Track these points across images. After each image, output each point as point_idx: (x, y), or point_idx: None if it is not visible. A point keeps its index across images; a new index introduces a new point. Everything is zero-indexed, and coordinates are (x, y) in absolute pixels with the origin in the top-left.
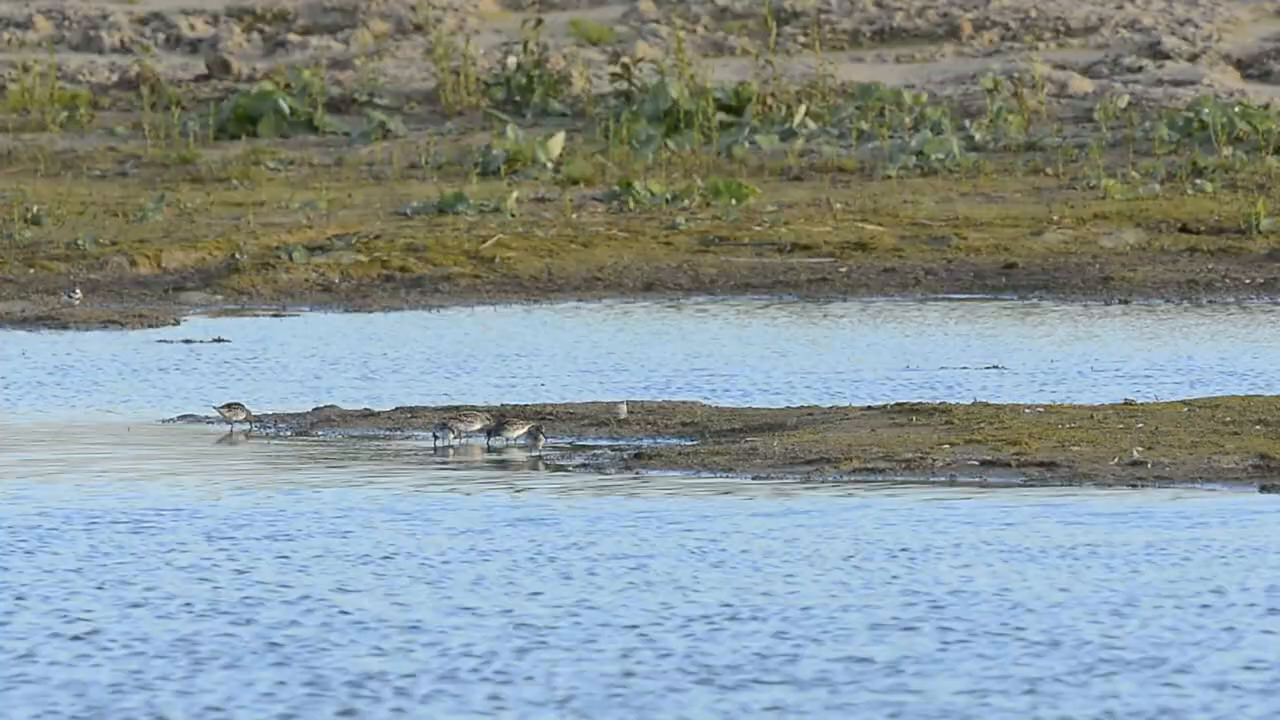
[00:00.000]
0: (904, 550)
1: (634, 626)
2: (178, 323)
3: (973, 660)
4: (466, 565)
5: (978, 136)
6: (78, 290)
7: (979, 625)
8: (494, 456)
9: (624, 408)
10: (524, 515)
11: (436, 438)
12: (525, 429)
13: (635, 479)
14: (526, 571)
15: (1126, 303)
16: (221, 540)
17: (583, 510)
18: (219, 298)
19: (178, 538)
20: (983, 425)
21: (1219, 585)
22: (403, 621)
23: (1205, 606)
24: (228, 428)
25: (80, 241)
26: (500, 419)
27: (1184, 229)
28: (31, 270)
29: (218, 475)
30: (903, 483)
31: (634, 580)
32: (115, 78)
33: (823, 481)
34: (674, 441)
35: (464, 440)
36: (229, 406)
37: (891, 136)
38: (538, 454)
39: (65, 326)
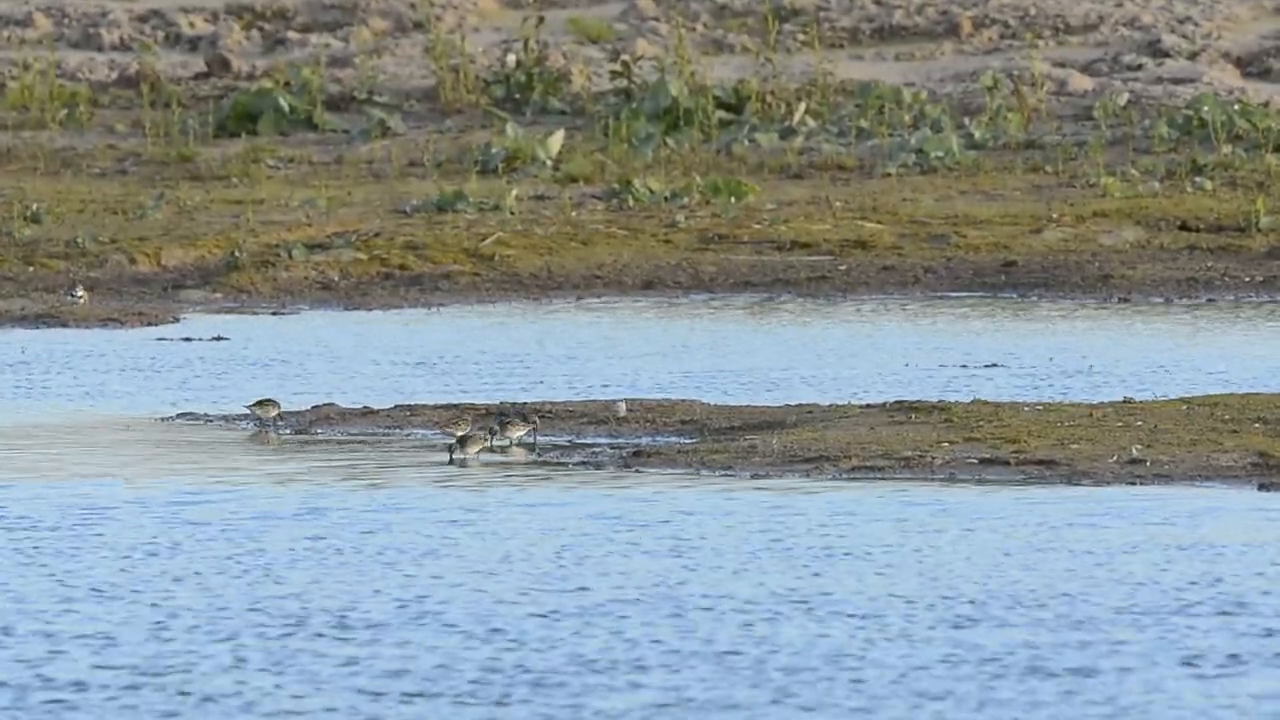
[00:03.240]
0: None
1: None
2: (177, 320)
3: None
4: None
5: (977, 134)
6: (79, 289)
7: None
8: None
9: (623, 406)
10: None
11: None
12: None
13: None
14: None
15: (1126, 300)
16: None
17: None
18: (218, 296)
19: None
20: (982, 423)
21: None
22: None
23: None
24: (252, 426)
25: (80, 239)
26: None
27: (1183, 227)
28: (31, 268)
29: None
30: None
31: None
32: (115, 75)
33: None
34: (673, 439)
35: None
36: (261, 403)
37: (891, 134)
38: (462, 456)
39: (65, 324)
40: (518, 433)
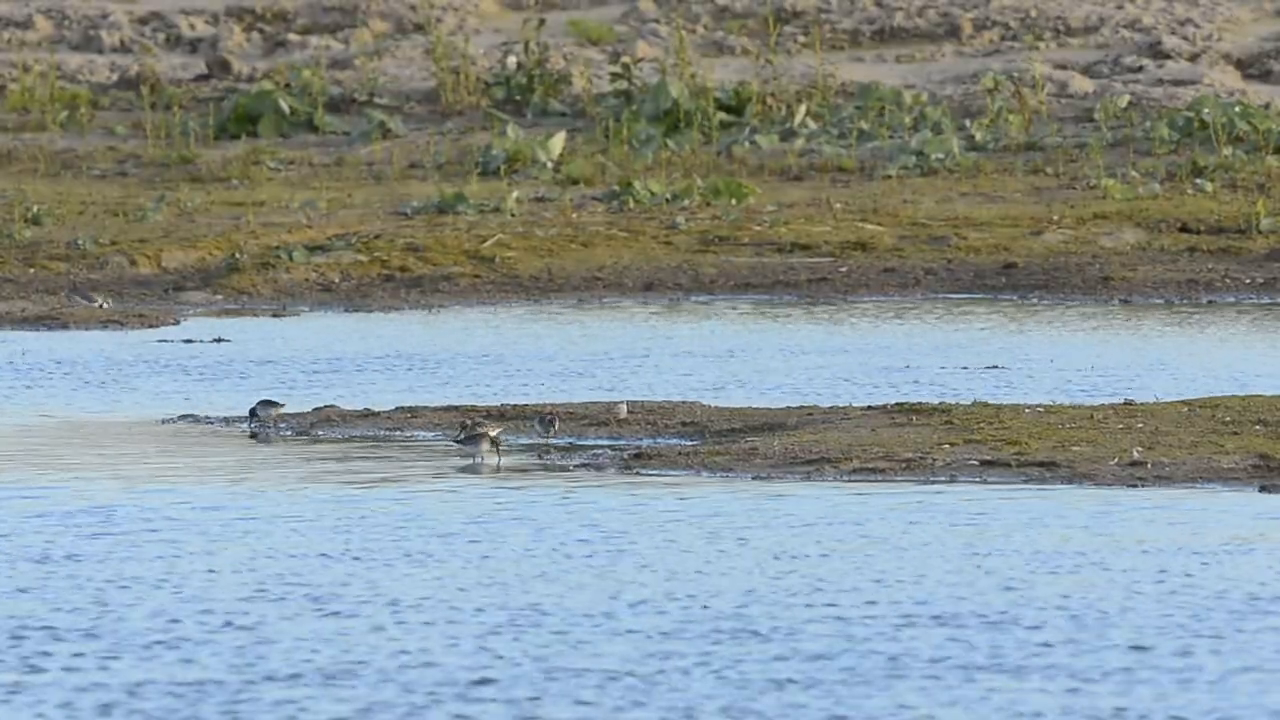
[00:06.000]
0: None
1: None
2: (178, 322)
3: None
4: None
5: (978, 136)
6: (100, 298)
7: None
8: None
9: (624, 407)
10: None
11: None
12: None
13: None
14: None
15: (1126, 302)
16: None
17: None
18: (219, 297)
19: None
20: (983, 425)
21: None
22: None
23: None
24: (248, 426)
25: (80, 241)
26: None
27: (1184, 229)
28: (31, 270)
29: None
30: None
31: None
32: (115, 77)
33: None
34: (674, 441)
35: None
36: (266, 404)
37: (891, 136)
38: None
39: (65, 326)
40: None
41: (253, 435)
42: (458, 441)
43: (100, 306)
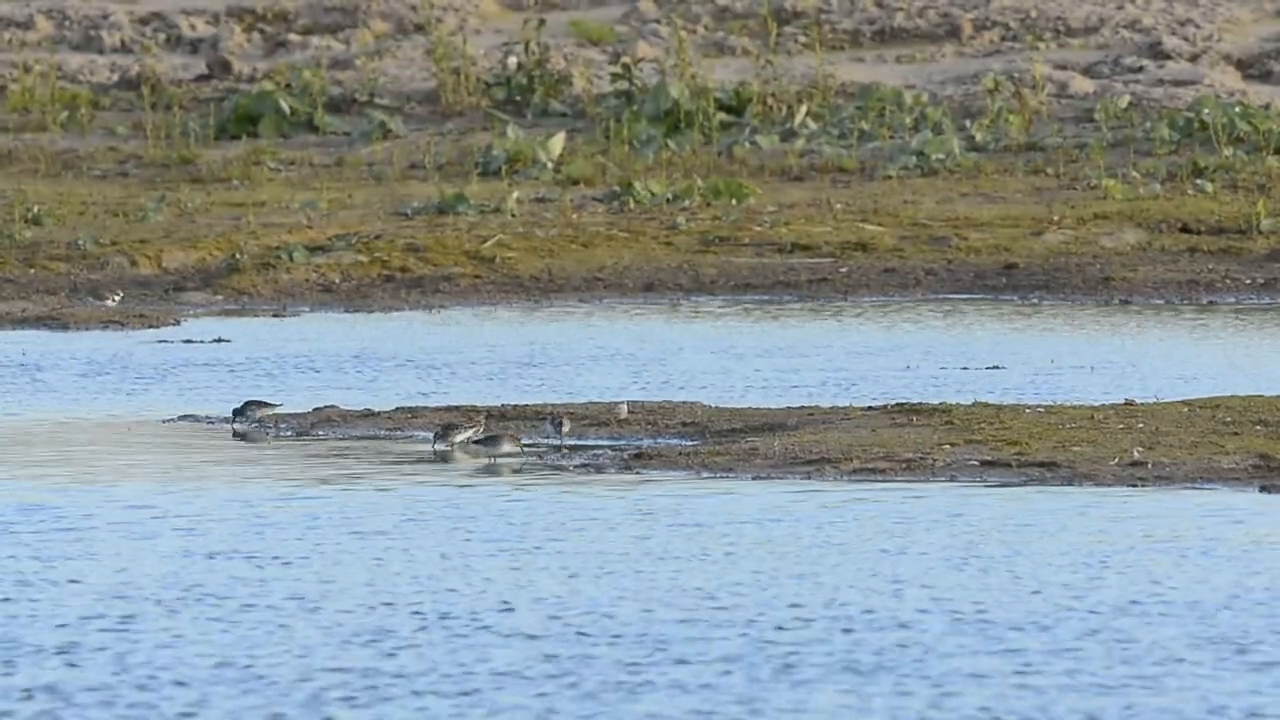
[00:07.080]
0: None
1: None
2: (178, 323)
3: None
4: None
5: (978, 137)
6: (117, 295)
7: None
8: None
9: (624, 407)
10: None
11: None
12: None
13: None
14: None
15: (1127, 303)
16: None
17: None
18: (219, 298)
19: None
20: (983, 425)
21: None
22: None
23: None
24: (232, 426)
25: (81, 241)
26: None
27: (1184, 229)
28: (32, 270)
29: None
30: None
31: None
32: (116, 78)
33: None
34: (675, 441)
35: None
36: (255, 404)
37: (892, 137)
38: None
39: (66, 327)
40: (461, 436)
41: (238, 435)
42: (474, 441)
43: (111, 302)
